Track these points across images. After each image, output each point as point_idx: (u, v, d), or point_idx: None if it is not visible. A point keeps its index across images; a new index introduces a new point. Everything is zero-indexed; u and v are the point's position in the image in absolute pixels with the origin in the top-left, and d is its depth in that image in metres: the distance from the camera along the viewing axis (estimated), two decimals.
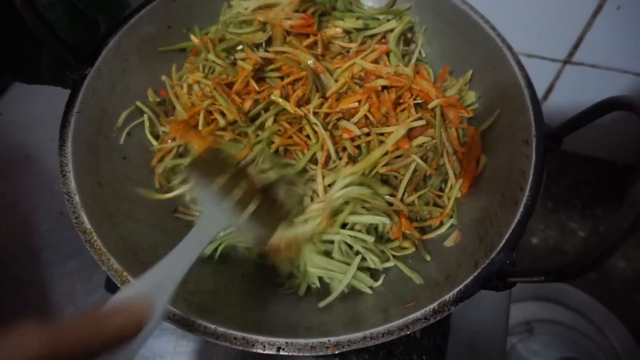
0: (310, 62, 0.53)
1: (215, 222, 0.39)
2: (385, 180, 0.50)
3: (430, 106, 0.52)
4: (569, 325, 0.82)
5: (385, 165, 0.49)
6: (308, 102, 0.52)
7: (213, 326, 0.35)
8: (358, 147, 0.49)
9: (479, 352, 0.57)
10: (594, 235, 0.90)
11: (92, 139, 0.47)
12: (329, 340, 0.33)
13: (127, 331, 0.27)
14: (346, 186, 0.45)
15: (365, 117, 0.51)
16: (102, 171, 0.47)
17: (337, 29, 0.57)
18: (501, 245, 0.38)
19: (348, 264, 0.44)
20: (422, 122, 0.51)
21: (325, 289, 0.46)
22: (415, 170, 0.49)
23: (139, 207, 0.49)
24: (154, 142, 0.53)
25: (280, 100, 0.50)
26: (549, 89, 0.94)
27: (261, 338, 0.34)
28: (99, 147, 0.48)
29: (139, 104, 0.53)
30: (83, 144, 0.46)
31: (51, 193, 0.62)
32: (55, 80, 0.57)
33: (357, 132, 0.49)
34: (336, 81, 0.54)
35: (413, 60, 0.57)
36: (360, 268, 0.44)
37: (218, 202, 0.40)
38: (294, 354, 0.33)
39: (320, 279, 0.46)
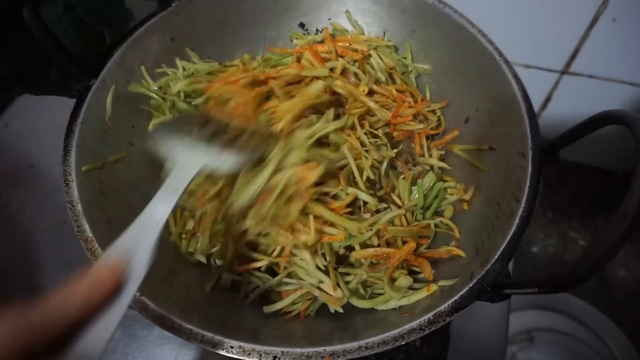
0: None
1: (189, 162, 0.37)
2: None
3: None
4: (570, 334, 0.82)
5: None
6: None
7: (210, 334, 0.35)
8: None
9: None
10: (594, 244, 0.90)
11: (95, 149, 0.48)
12: (324, 349, 0.34)
13: (101, 293, 0.26)
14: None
15: None
16: (105, 180, 0.48)
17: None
18: (497, 256, 0.39)
19: None
20: None
21: None
22: None
23: None
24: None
25: None
26: (547, 99, 0.95)
27: (257, 347, 0.34)
28: (102, 157, 0.48)
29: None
30: (87, 153, 0.46)
31: (55, 203, 0.63)
32: (64, 90, 0.58)
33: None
34: None
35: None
36: None
37: (188, 144, 0.39)
38: None
39: None
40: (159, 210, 0.33)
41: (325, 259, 0.45)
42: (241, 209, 0.44)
